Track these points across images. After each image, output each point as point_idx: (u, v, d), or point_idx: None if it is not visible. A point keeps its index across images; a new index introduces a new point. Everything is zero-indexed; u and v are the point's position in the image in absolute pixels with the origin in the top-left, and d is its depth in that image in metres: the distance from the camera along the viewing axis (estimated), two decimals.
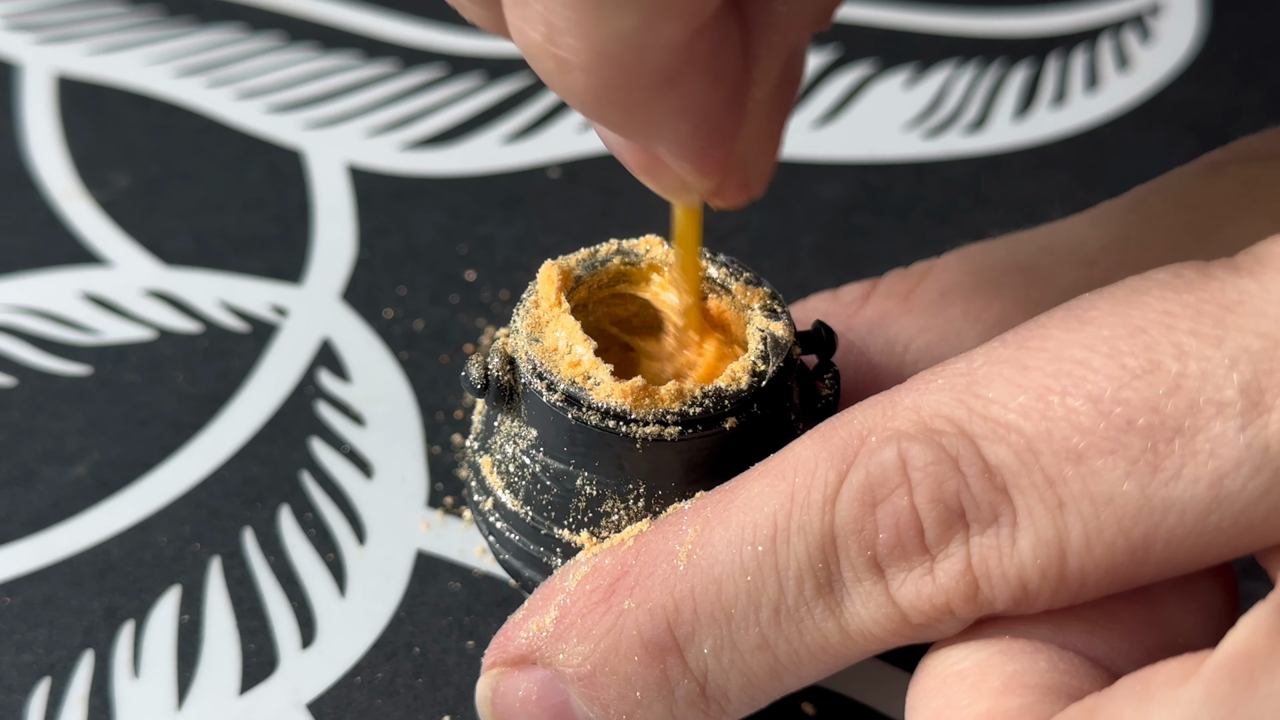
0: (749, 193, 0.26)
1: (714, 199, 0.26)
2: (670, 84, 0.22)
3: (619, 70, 0.21)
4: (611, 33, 0.20)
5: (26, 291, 0.42)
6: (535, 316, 0.28)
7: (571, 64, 0.21)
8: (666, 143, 0.23)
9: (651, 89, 0.22)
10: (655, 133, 0.23)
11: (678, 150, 0.24)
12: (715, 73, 0.22)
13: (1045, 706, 0.23)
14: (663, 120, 0.23)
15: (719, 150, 0.24)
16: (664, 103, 0.22)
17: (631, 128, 0.23)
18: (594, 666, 0.26)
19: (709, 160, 0.24)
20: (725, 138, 0.24)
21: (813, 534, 0.24)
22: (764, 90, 0.24)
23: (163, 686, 0.32)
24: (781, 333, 0.28)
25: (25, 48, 0.52)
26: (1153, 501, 0.22)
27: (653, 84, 0.22)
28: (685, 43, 0.21)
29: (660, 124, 0.23)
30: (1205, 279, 0.23)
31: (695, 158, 0.24)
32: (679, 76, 0.22)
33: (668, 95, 0.22)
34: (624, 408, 0.26)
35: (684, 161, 0.24)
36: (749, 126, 0.24)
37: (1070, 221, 0.32)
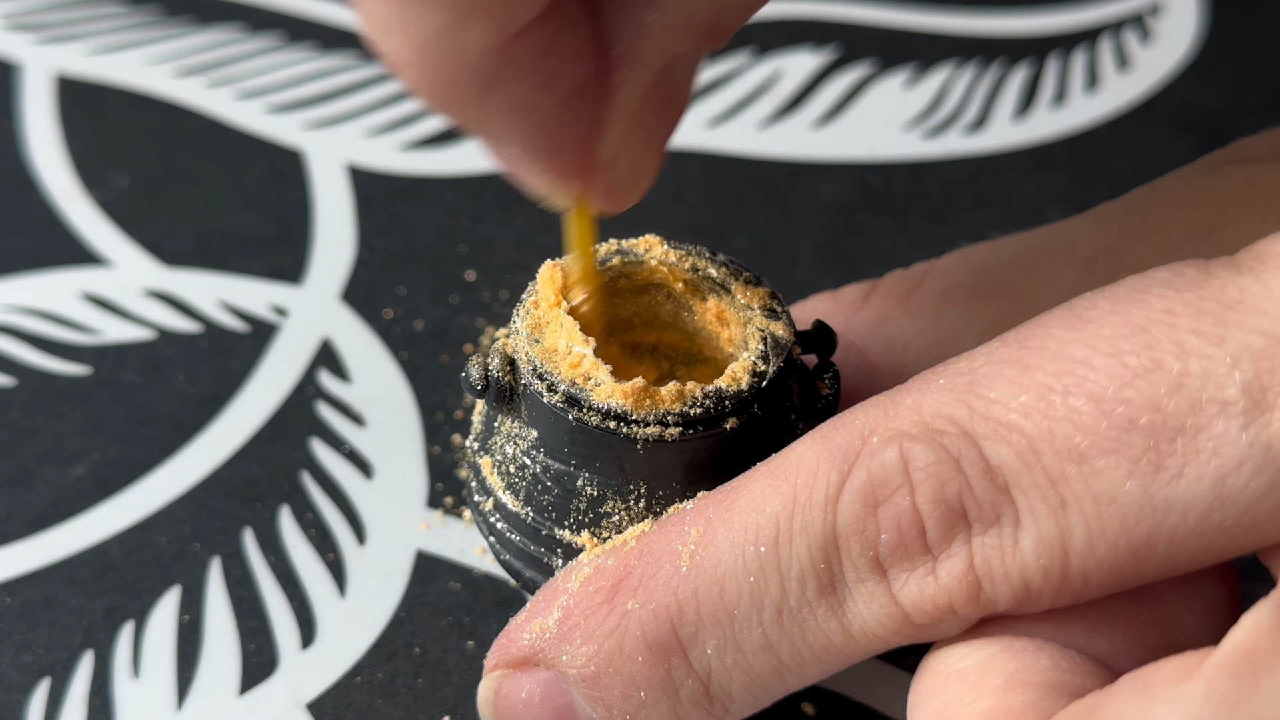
0: (623, 199, 0.26)
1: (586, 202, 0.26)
2: (491, 85, 0.22)
3: (438, 69, 0.22)
4: (424, 32, 0.22)
5: (26, 291, 0.42)
6: (535, 317, 0.28)
7: (397, 60, 0.22)
8: (509, 144, 0.24)
9: (474, 89, 0.22)
10: (494, 133, 0.24)
11: (524, 150, 0.24)
12: (543, 77, 0.23)
13: (1047, 704, 0.23)
14: (496, 121, 0.23)
15: (566, 155, 0.24)
16: (491, 103, 0.23)
17: (471, 126, 0.24)
18: (598, 667, 0.26)
19: (558, 163, 0.25)
20: (569, 142, 0.24)
21: (815, 534, 0.24)
22: (626, 98, 0.24)
23: (163, 686, 0.32)
24: (782, 333, 0.28)
25: (25, 48, 0.52)
26: (1155, 500, 0.22)
27: (473, 84, 0.22)
28: (500, 46, 0.22)
29: (494, 125, 0.24)
30: (1206, 277, 0.23)
31: (544, 159, 0.24)
32: (499, 79, 0.22)
33: (492, 96, 0.23)
34: (625, 408, 0.26)
35: (534, 163, 0.25)
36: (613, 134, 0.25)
37: (1070, 222, 0.32)
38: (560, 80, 0.23)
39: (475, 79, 0.22)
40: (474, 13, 0.21)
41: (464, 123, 0.24)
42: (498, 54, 0.22)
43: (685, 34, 0.24)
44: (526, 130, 0.24)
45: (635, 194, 0.26)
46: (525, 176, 0.25)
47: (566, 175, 0.25)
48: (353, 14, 0.53)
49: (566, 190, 0.26)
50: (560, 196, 0.26)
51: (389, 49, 0.22)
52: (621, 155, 0.25)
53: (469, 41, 0.22)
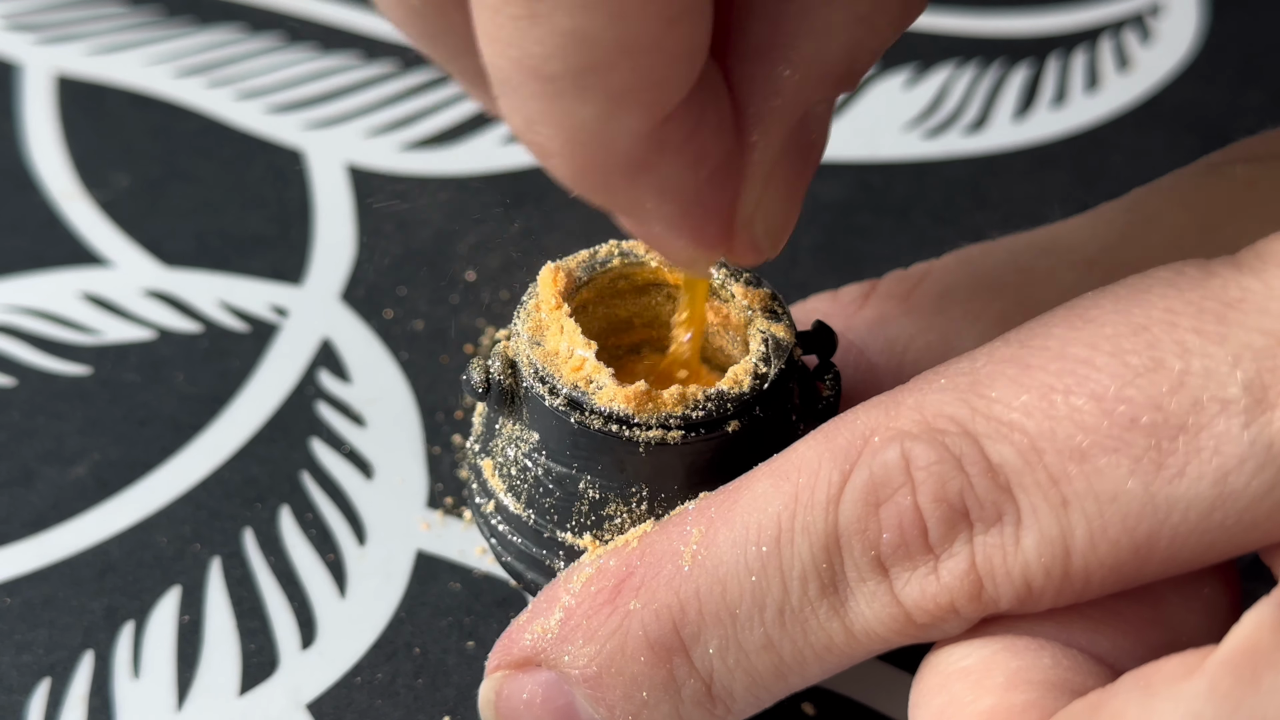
0: (760, 256, 0.26)
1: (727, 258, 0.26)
2: (643, 170, 0.22)
3: (590, 157, 0.22)
4: (576, 123, 0.21)
5: (26, 291, 0.42)
6: (536, 320, 0.28)
7: (548, 150, 0.22)
8: (656, 222, 0.24)
9: (625, 175, 0.22)
10: (642, 214, 0.24)
11: (667, 229, 0.24)
12: (692, 156, 0.23)
13: (1049, 702, 0.23)
14: (644, 202, 0.23)
15: (712, 226, 0.24)
16: (641, 187, 0.23)
17: (618, 209, 0.24)
18: (600, 667, 0.26)
19: (703, 236, 0.24)
20: (715, 214, 0.24)
21: (817, 534, 0.24)
22: (766, 155, 0.24)
23: (163, 686, 0.32)
24: (782, 334, 0.28)
25: (25, 48, 0.52)
26: (1157, 499, 0.22)
27: (625, 170, 0.22)
28: (652, 131, 0.22)
29: (644, 206, 0.23)
30: (1207, 276, 0.23)
31: (688, 235, 0.24)
32: (651, 163, 0.22)
33: (643, 180, 0.23)
34: (627, 412, 0.26)
35: (678, 239, 0.24)
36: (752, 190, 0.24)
37: (1069, 223, 0.32)
38: (708, 156, 0.23)
39: (627, 166, 0.22)
40: (626, 101, 0.21)
41: (612, 206, 0.24)
42: (649, 139, 0.22)
43: (820, 85, 0.24)
44: (674, 208, 0.24)
45: (775, 248, 0.26)
46: (667, 250, 0.25)
47: (711, 245, 0.25)
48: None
49: (709, 258, 0.25)
50: (702, 264, 0.26)
51: (537, 141, 0.22)
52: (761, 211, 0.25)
53: (621, 130, 0.21)
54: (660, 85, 0.21)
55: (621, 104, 0.21)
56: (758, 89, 0.23)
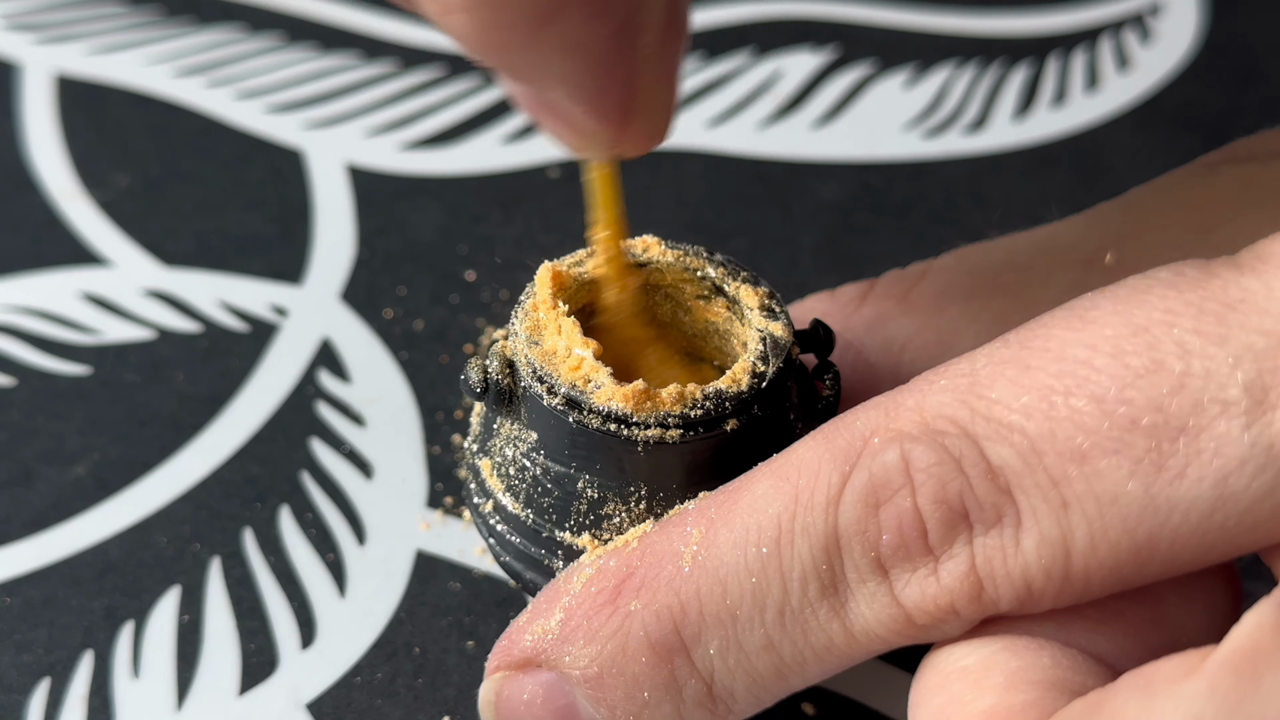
0: (654, 139, 0.26)
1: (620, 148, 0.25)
2: (550, 18, 0.22)
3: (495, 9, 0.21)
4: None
5: (26, 291, 0.42)
6: (534, 319, 0.28)
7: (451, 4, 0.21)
8: (558, 84, 0.23)
9: (532, 24, 0.22)
10: (545, 74, 0.23)
11: (571, 92, 0.23)
12: (596, 5, 0.22)
13: (1049, 702, 0.23)
14: (549, 60, 0.23)
15: (613, 92, 0.24)
16: (547, 40, 0.22)
17: (520, 69, 0.23)
18: (601, 668, 0.26)
19: (604, 102, 0.24)
20: (618, 78, 0.23)
21: (816, 535, 0.24)
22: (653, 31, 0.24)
23: (163, 686, 0.32)
24: (781, 333, 0.28)
25: (25, 48, 0.52)
26: (1157, 501, 0.22)
27: (530, 19, 0.22)
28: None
29: (548, 64, 0.23)
30: (1208, 277, 0.23)
31: (590, 99, 0.24)
32: (558, 10, 0.22)
33: (549, 31, 0.22)
34: (625, 411, 0.26)
35: (579, 105, 0.24)
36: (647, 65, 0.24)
37: (1067, 222, 0.32)
38: (613, 10, 0.22)
39: (534, 12, 0.21)
40: None
41: (513, 67, 0.23)
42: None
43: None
44: (578, 65, 0.23)
45: (665, 132, 0.26)
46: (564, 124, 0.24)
47: (611, 118, 0.24)
48: (348, 11, 0.53)
49: (605, 137, 0.25)
50: (598, 145, 0.25)
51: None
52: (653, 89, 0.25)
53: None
54: None
55: None
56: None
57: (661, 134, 0.26)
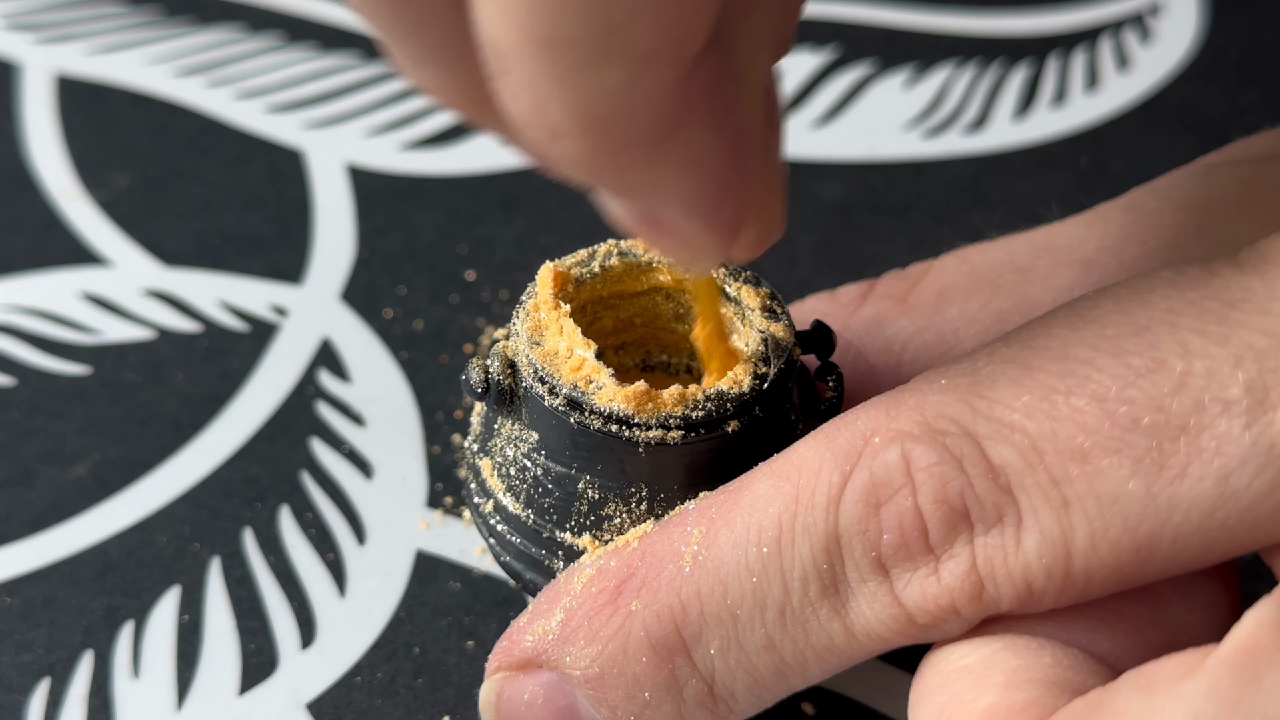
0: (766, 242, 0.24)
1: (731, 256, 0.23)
2: (668, 136, 0.20)
3: (612, 131, 0.19)
4: (598, 92, 0.19)
5: (26, 291, 0.42)
6: (535, 319, 0.28)
7: (560, 130, 0.19)
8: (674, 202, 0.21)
9: (649, 145, 0.20)
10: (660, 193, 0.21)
11: (686, 209, 0.21)
12: (715, 117, 0.20)
13: (1049, 701, 0.23)
14: (666, 178, 0.21)
15: (730, 204, 0.22)
16: (665, 158, 0.20)
17: (634, 190, 0.21)
18: (602, 668, 0.26)
19: (721, 216, 0.22)
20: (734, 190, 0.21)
21: (817, 535, 0.24)
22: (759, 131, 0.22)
23: (163, 686, 0.32)
24: (782, 334, 0.28)
25: (25, 48, 0.52)
26: (1158, 500, 0.22)
27: (650, 139, 0.20)
28: (677, 88, 0.19)
29: (664, 183, 0.21)
30: (1209, 276, 0.23)
31: (706, 214, 0.21)
32: (675, 127, 0.20)
33: (667, 149, 0.20)
34: (627, 412, 0.26)
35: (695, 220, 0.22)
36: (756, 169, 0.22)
37: (1067, 223, 0.32)
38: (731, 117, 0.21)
39: (651, 132, 0.19)
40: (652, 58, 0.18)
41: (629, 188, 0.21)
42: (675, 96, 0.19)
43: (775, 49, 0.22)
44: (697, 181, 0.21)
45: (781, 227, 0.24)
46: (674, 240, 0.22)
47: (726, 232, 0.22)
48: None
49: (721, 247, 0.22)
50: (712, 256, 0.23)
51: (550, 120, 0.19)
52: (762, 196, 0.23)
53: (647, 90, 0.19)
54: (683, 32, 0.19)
55: (647, 62, 0.18)
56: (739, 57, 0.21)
57: (774, 236, 0.24)
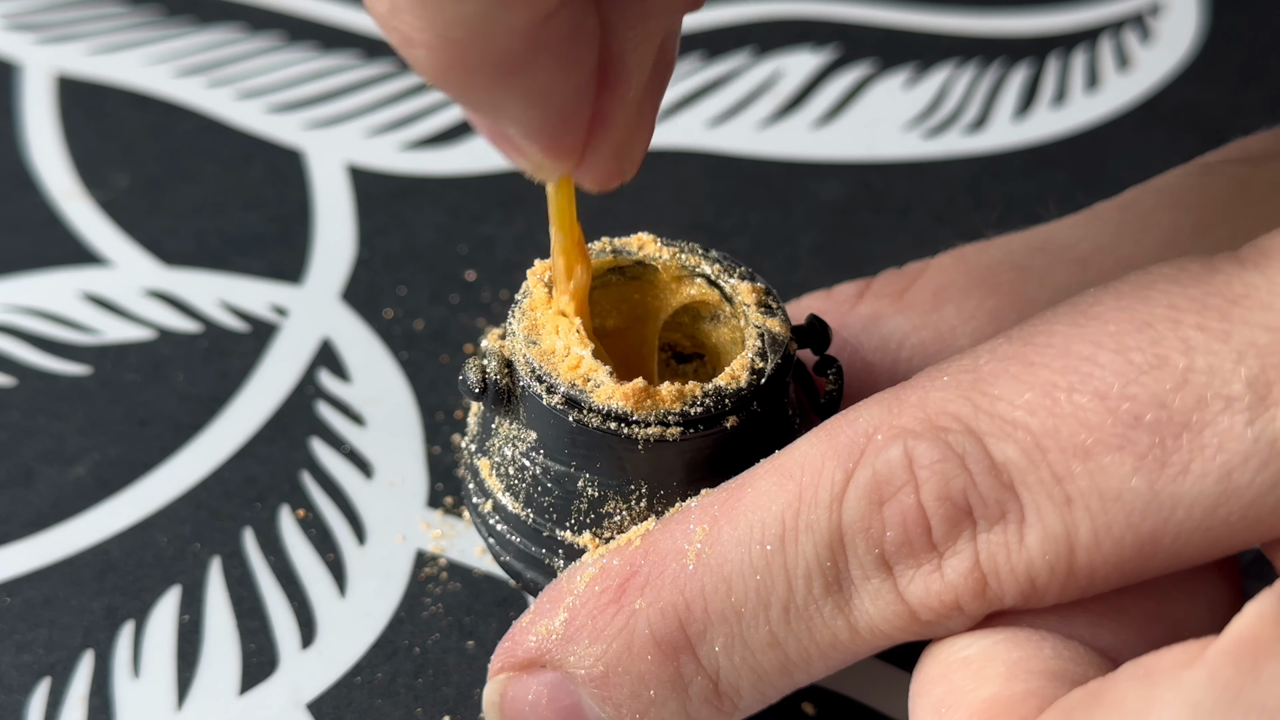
0: (620, 178, 0.25)
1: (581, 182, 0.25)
2: (515, 70, 0.21)
3: (461, 53, 0.21)
4: (453, 16, 0.20)
5: (26, 291, 0.42)
6: (532, 319, 0.28)
7: (413, 40, 0.21)
8: (514, 124, 0.23)
9: (496, 74, 0.21)
10: (502, 115, 0.23)
11: (527, 133, 0.23)
12: (565, 60, 0.22)
13: (1050, 691, 0.23)
14: (510, 104, 0.22)
15: (570, 135, 0.23)
16: (509, 88, 0.22)
17: (477, 108, 0.23)
18: (607, 667, 0.26)
19: (560, 145, 0.24)
20: (576, 125, 0.23)
21: (820, 532, 0.24)
22: (639, 77, 0.24)
23: (163, 686, 0.32)
24: (778, 329, 0.28)
25: (25, 48, 0.52)
26: (1161, 497, 0.22)
27: (497, 69, 0.21)
28: (532, 28, 0.21)
29: (507, 107, 0.22)
30: (1210, 273, 0.23)
31: (545, 142, 0.23)
32: (525, 63, 0.21)
33: (513, 81, 0.22)
34: (625, 409, 0.26)
35: (534, 145, 0.23)
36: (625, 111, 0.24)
37: (1064, 222, 0.32)
38: (581, 63, 0.22)
39: (499, 63, 0.21)
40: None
41: (471, 105, 0.23)
42: (528, 37, 0.21)
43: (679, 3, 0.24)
44: (539, 114, 0.23)
45: (634, 169, 0.26)
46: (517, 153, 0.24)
47: (566, 155, 0.24)
48: (357, 9, 0.53)
49: (559, 168, 0.24)
50: (551, 172, 0.25)
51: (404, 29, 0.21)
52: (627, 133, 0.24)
53: (502, 25, 0.20)
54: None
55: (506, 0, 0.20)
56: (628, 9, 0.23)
57: (630, 173, 0.26)
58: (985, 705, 0.23)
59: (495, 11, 0.20)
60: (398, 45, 0.21)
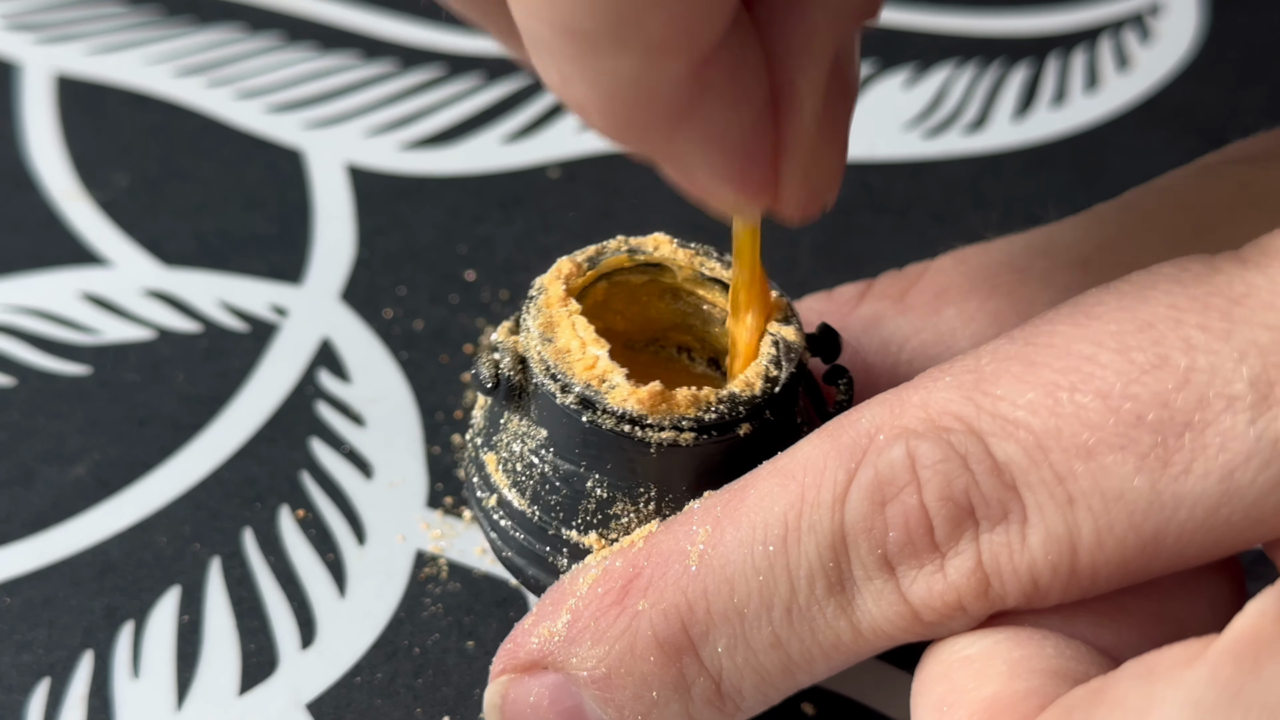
0: (820, 203, 0.25)
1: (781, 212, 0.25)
2: (685, 117, 0.22)
3: (630, 110, 0.21)
4: (614, 77, 0.21)
5: (26, 291, 0.42)
6: (547, 316, 0.28)
7: (586, 105, 0.22)
8: (701, 170, 0.23)
9: (668, 124, 0.22)
10: (687, 162, 0.23)
11: (713, 176, 0.23)
12: (734, 99, 0.22)
13: (1051, 690, 0.23)
14: (688, 150, 0.23)
15: (756, 172, 0.24)
16: (684, 136, 0.22)
17: (662, 159, 0.23)
18: (609, 668, 0.26)
19: (748, 182, 0.24)
20: (759, 160, 0.23)
21: (823, 533, 0.24)
22: (813, 101, 0.24)
23: (163, 686, 0.32)
24: (793, 337, 0.28)
25: (25, 48, 0.52)
26: (1163, 496, 0.22)
27: (668, 119, 0.22)
28: (693, 74, 0.21)
29: (687, 154, 0.23)
30: (1211, 272, 0.23)
31: (734, 182, 0.24)
32: (694, 108, 0.22)
33: (686, 127, 0.22)
34: (640, 412, 0.26)
35: (724, 186, 0.24)
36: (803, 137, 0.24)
37: (1064, 223, 0.32)
38: (750, 97, 0.23)
39: (668, 115, 0.22)
40: (664, 49, 0.20)
41: (655, 156, 0.23)
42: (691, 83, 0.21)
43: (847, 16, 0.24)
44: (719, 155, 0.23)
45: (833, 196, 0.26)
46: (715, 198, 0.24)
47: (757, 192, 0.24)
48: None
49: (754, 206, 0.25)
50: (748, 212, 0.25)
51: (574, 98, 0.22)
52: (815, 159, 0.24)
53: (660, 79, 0.21)
54: (696, 29, 0.21)
55: (659, 53, 0.20)
56: (791, 32, 0.23)
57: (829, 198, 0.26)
58: (987, 704, 0.23)
59: (653, 65, 0.21)
60: (576, 112, 0.22)
